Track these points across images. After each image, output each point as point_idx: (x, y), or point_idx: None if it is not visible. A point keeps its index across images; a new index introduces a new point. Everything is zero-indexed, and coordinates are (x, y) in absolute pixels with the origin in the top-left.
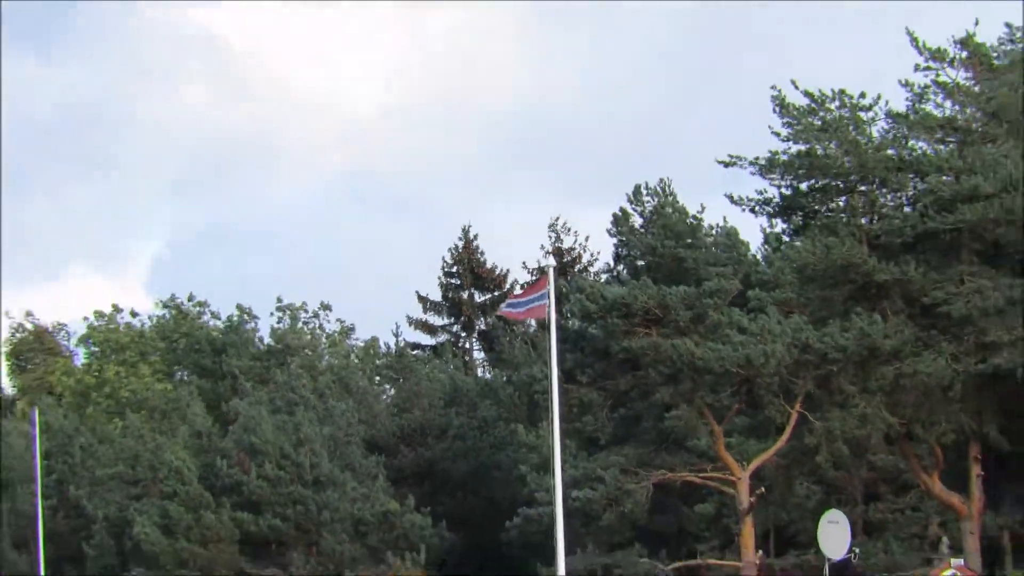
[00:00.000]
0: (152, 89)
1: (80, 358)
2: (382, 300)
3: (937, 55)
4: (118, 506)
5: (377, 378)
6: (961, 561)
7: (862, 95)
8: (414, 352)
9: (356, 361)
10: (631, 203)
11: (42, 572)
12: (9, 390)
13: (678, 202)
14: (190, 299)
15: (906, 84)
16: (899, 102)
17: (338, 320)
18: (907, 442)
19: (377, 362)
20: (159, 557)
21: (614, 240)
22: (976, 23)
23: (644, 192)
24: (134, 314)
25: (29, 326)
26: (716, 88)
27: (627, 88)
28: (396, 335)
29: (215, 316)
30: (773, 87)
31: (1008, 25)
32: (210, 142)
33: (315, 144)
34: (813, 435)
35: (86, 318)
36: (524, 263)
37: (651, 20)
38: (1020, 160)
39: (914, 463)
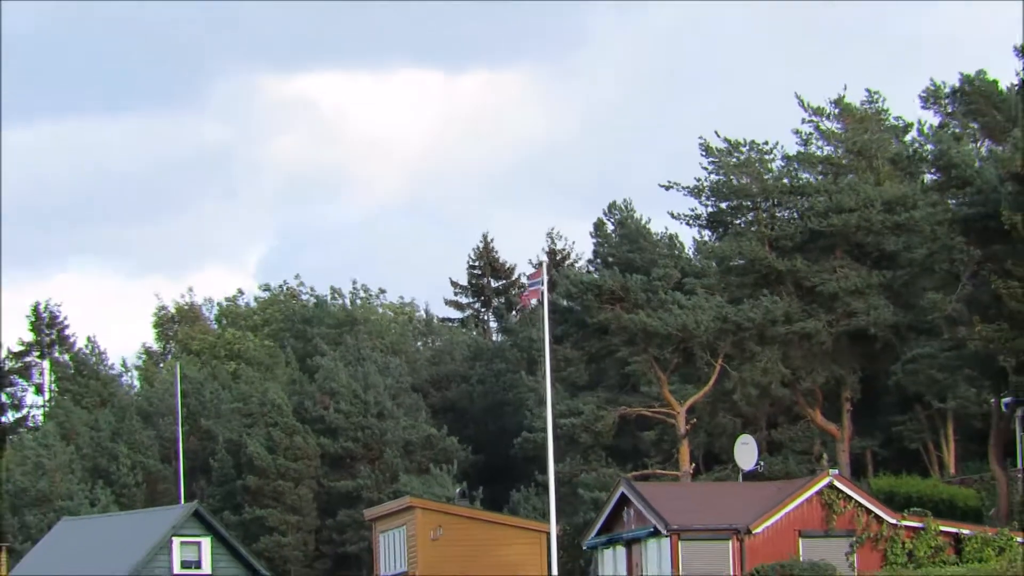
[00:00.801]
0: (264, 135)
1: (214, 325)
2: (425, 284)
3: (817, 111)
4: (236, 432)
5: (419, 343)
6: (836, 471)
7: (765, 142)
8: (444, 321)
9: (398, 326)
10: (606, 215)
11: (181, 478)
12: (157, 349)
13: (636, 215)
14: (296, 278)
15: (796, 132)
16: (791, 145)
17: (390, 299)
18: (797, 385)
19: (416, 327)
20: (265, 469)
21: (594, 241)
22: (845, 88)
23: (614, 209)
24: (241, 292)
25: (185, 303)
26: (666, 132)
27: (606, 130)
28: (427, 311)
29: (311, 294)
30: (700, 137)
31: (868, 90)
32: (304, 171)
33: (377, 172)
34: (731, 381)
35: (211, 298)
36: (529, 260)
37: (625, 86)
38: (873, 186)
39: (802, 401)
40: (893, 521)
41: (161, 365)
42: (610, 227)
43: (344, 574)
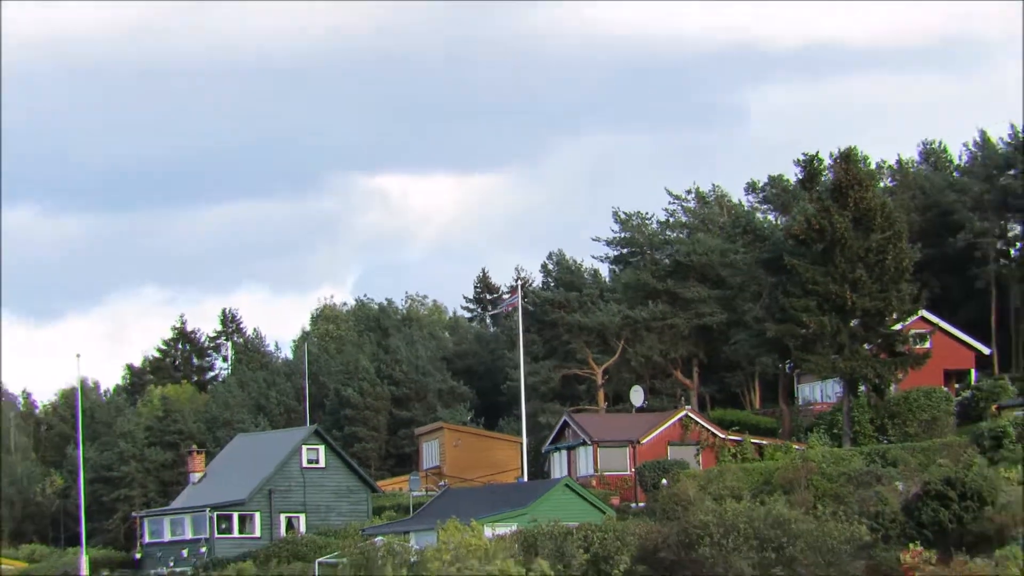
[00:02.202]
0: (358, 209)
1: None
2: (450, 295)
3: (677, 198)
4: (340, 383)
5: (446, 332)
6: (689, 406)
7: (649, 213)
8: (461, 318)
9: (434, 321)
10: (549, 258)
11: (307, 411)
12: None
13: (567, 257)
14: (367, 294)
15: (665, 209)
16: (663, 215)
17: (430, 304)
18: (667, 356)
19: (445, 322)
20: (357, 405)
21: (544, 273)
22: (695, 183)
23: (552, 255)
24: (344, 303)
25: (323, 306)
26: (593, 213)
27: (554, 210)
28: (453, 312)
29: (383, 301)
30: (613, 206)
31: (712, 184)
32: (379, 231)
33: (423, 232)
34: (631, 353)
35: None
36: (509, 284)
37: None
38: (712, 239)
39: (670, 366)
40: (723, 436)
41: (292, 343)
42: (551, 265)
43: (402, 469)
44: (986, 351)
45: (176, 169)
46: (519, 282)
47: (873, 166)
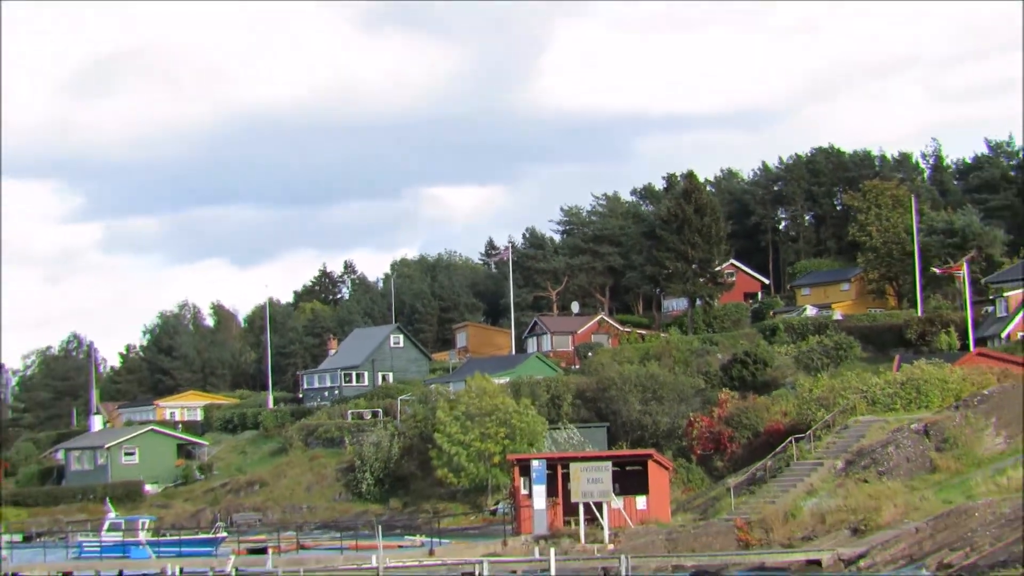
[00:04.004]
0: (419, 208)
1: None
2: (471, 251)
3: (596, 197)
4: (411, 301)
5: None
6: (603, 313)
7: (582, 207)
8: (477, 262)
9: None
10: (525, 232)
11: (393, 315)
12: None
13: (537, 231)
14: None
15: (590, 204)
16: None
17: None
18: (591, 285)
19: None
20: (422, 312)
21: (524, 238)
22: (607, 193)
23: (529, 230)
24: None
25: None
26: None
27: (529, 202)
28: (472, 261)
29: (436, 255)
30: (561, 203)
31: (605, 194)
32: (434, 219)
33: (452, 220)
34: (571, 283)
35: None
36: (504, 245)
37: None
38: (619, 219)
39: (593, 291)
40: (621, 329)
41: (383, 277)
42: (526, 235)
43: (445, 348)
44: (767, 281)
45: (323, 181)
46: (509, 244)
47: (702, 180)
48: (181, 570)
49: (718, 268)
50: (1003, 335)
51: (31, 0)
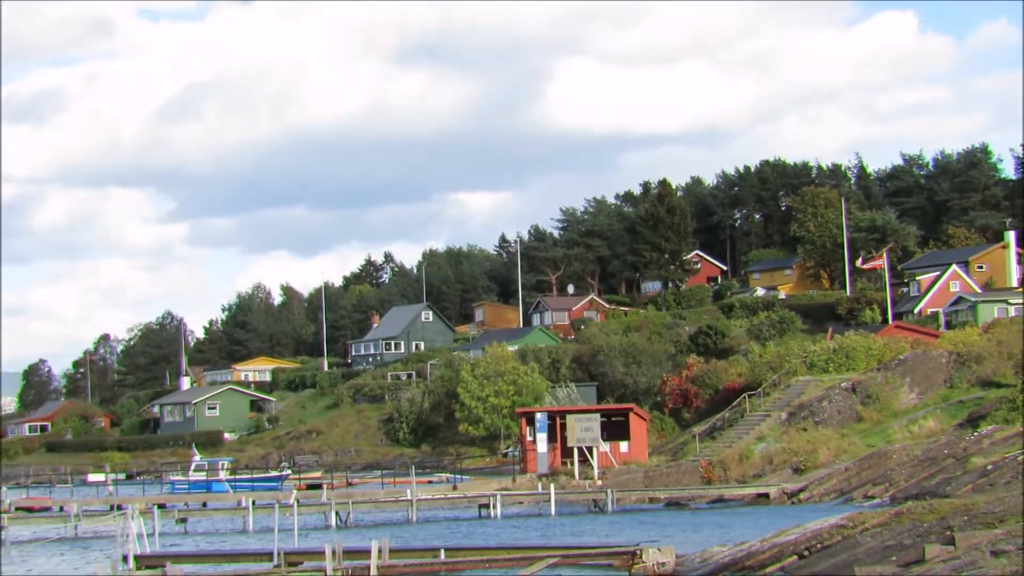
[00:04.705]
0: (446, 211)
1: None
2: (487, 244)
3: (588, 200)
4: (439, 284)
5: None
6: (593, 293)
7: (577, 208)
8: (494, 251)
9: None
10: (530, 228)
11: (424, 295)
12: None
13: (540, 227)
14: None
15: (584, 206)
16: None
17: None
18: (584, 271)
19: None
20: (444, 295)
21: (529, 235)
22: (596, 198)
23: (533, 226)
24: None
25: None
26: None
27: (535, 204)
28: (487, 251)
29: (459, 248)
30: (560, 205)
31: (594, 198)
32: (464, 220)
33: (479, 222)
34: (568, 269)
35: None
36: (515, 238)
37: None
38: (607, 217)
39: (585, 276)
40: (608, 307)
41: (416, 264)
42: (531, 231)
43: (465, 322)
44: (725, 268)
45: (367, 188)
46: (518, 238)
47: (673, 186)
48: (253, 502)
49: (686, 257)
50: (916, 311)
51: (129, 42)
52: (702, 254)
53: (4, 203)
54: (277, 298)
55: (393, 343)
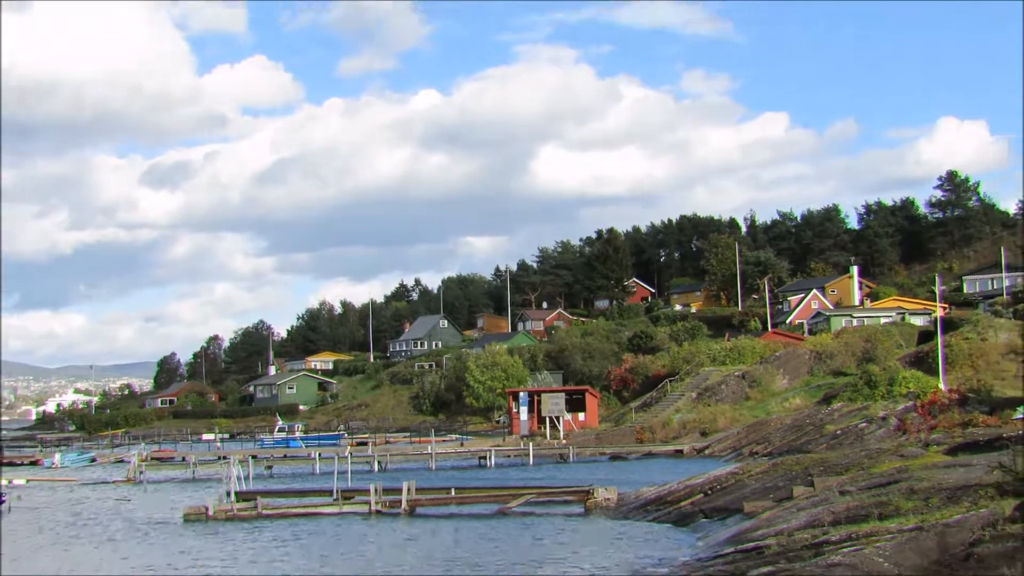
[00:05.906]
0: (460, 253)
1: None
2: (486, 271)
3: (558, 243)
4: (451, 300)
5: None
6: (561, 308)
7: (550, 248)
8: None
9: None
10: (517, 264)
11: (441, 309)
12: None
13: (525, 262)
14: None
15: (555, 248)
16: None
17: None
18: (556, 291)
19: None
20: (455, 309)
21: (517, 266)
22: (571, 240)
23: (520, 262)
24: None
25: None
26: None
27: (521, 245)
28: (486, 278)
29: (467, 275)
30: (539, 245)
31: (582, 239)
32: (477, 255)
33: (490, 251)
34: (546, 290)
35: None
36: (503, 271)
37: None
38: (572, 254)
39: (555, 295)
40: (572, 317)
41: (437, 287)
42: (516, 264)
43: (471, 327)
44: (653, 291)
45: (402, 232)
46: (507, 270)
47: (620, 232)
48: (320, 454)
49: (626, 283)
50: (787, 322)
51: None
52: (638, 281)
53: (149, 245)
54: (338, 310)
55: (419, 342)
